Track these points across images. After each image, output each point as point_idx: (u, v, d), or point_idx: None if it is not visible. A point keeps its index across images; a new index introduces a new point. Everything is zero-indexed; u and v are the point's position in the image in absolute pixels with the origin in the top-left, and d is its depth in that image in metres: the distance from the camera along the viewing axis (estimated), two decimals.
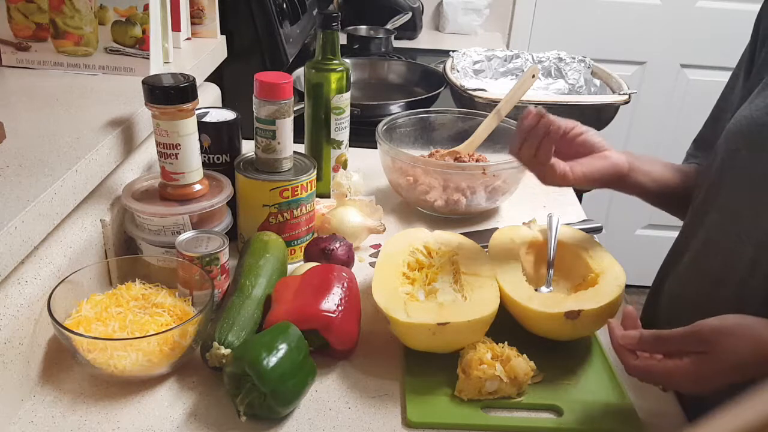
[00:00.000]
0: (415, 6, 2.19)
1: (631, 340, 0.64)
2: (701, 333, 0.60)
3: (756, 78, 0.79)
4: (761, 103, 0.73)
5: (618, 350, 0.66)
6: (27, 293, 0.67)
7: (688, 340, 0.61)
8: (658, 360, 0.63)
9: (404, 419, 0.68)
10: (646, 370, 0.63)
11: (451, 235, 0.90)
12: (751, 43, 0.84)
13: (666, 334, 0.62)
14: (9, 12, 1.02)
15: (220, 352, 0.68)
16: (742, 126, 0.73)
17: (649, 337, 0.63)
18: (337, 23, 1.01)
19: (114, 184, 0.87)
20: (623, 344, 0.65)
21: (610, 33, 2.43)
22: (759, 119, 0.71)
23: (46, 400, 0.68)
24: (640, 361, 0.63)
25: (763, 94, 0.74)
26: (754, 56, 0.82)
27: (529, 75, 1.10)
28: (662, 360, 0.62)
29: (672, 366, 0.61)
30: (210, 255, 0.78)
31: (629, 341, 0.64)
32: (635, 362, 0.64)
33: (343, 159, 1.10)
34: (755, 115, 0.72)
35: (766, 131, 0.70)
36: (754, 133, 0.71)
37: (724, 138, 0.76)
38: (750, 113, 0.73)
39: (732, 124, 0.76)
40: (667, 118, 2.54)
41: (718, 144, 0.78)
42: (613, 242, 1.26)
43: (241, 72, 1.33)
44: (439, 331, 0.70)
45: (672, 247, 0.87)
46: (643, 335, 0.64)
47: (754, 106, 0.73)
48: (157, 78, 0.79)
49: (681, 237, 0.84)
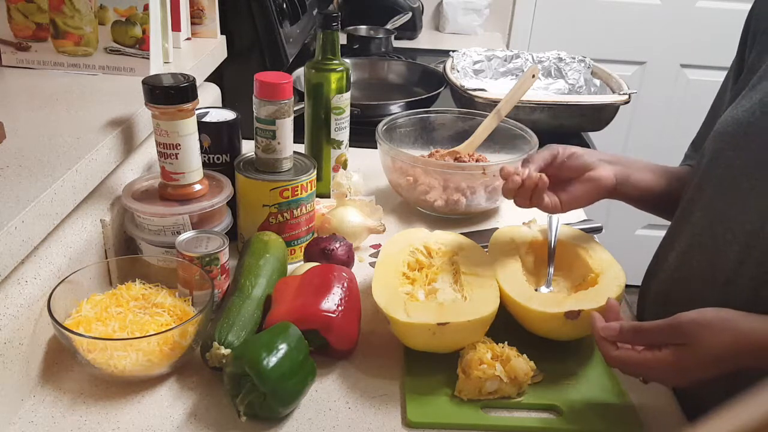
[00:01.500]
0: (415, 6, 2.19)
1: (612, 332, 0.65)
2: (680, 325, 0.61)
3: (744, 80, 0.79)
4: (746, 103, 0.73)
5: (599, 341, 0.67)
6: (27, 293, 0.67)
7: (667, 332, 0.62)
8: (638, 351, 0.64)
9: (404, 419, 0.68)
10: (626, 361, 0.64)
11: (451, 235, 0.90)
12: (740, 45, 0.84)
13: (646, 326, 0.64)
14: (9, 12, 1.02)
15: (220, 352, 0.68)
16: (727, 126, 0.74)
17: (628, 329, 0.65)
18: (337, 23, 1.01)
19: (114, 184, 0.87)
20: (604, 335, 0.66)
21: (610, 33, 2.43)
22: (743, 119, 0.72)
23: (46, 400, 0.68)
24: (619, 352, 0.65)
25: (748, 95, 0.74)
26: (743, 58, 0.82)
27: (529, 75, 1.10)
28: (642, 352, 0.63)
29: (651, 357, 0.62)
30: (210, 255, 0.78)
31: (610, 332, 0.66)
32: (615, 353, 0.65)
33: (343, 159, 1.10)
34: (740, 116, 0.73)
35: (750, 131, 0.70)
36: (739, 133, 0.72)
37: (711, 138, 0.77)
38: (735, 113, 0.74)
39: (718, 125, 0.76)
40: (667, 118, 2.54)
41: (706, 145, 0.78)
42: (613, 242, 1.26)
43: (241, 72, 1.33)
44: (439, 331, 0.70)
45: (658, 247, 0.87)
46: (623, 327, 0.65)
47: (740, 107, 0.74)
48: (157, 78, 0.79)
49: (667, 237, 0.84)
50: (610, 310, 0.70)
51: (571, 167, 0.85)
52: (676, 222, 0.82)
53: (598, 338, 0.67)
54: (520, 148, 1.11)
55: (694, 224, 0.77)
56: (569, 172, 0.85)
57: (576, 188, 0.85)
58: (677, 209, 0.83)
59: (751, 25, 0.82)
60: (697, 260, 0.75)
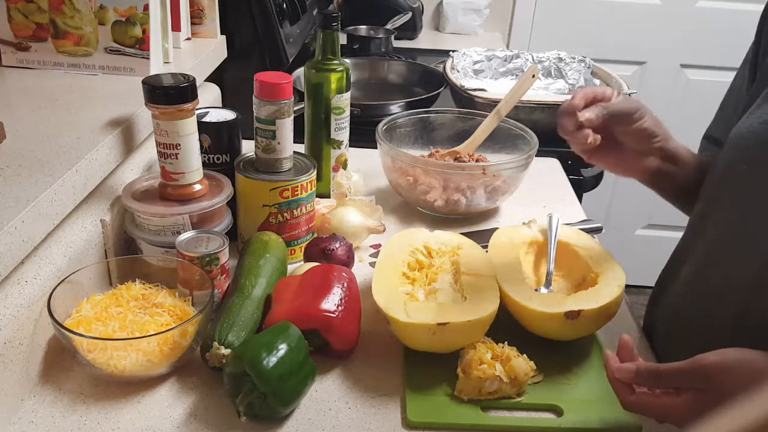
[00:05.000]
0: (415, 6, 2.19)
1: (628, 374, 0.61)
2: (701, 369, 0.57)
3: (759, 86, 0.77)
4: (763, 115, 0.70)
5: (614, 384, 0.63)
6: (27, 293, 0.67)
7: (687, 377, 0.58)
8: (656, 396, 0.61)
9: (404, 419, 0.68)
10: (644, 406, 0.61)
11: (451, 235, 0.90)
12: (754, 47, 0.82)
13: (664, 369, 0.60)
14: (9, 12, 1.02)
15: (220, 352, 0.68)
16: (742, 139, 0.71)
17: (645, 371, 0.60)
18: (337, 23, 1.01)
19: (114, 184, 0.87)
20: (619, 377, 0.62)
21: (610, 33, 2.43)
22: (760, 133, 0.69)
23: (46, 400, 0.68)
24: (636, 397, 0.61)
25: (764, 106, 0.72)
26: (757, 61, 0.81)
27: (529, 75, 1.10)
28: (659, 396, 0.60)
29: (670, 403, 0.59)
30: (210, 255, 0.78)
31: (625, 375, 0.61)
32: (632, 398, 0.61)
33: (343, 159, 1.10)
34: (756, 129, 0.70)
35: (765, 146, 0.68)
36: (754, 147, 0.69)
37: (725, 150, 0.75)
38: (750, 125, 0.71)
39: (733, 136, 0.74)
40: (667, 118, 2.49)
41: (719, 157, 0.76)
42: (613, 242, 1.27)
43: (241, 72, 1.33)
44: (439, 331, 0.70)
45: (671, 258, 0.85)
46: (639, 369, 0.61)
47: (755, 118, 0.71)
48: (157, 78, 0.79)
49: (680, 248, 0.83)
50: (623, 348, 0.64)
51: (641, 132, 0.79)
52: (690, 234, 0.80)
53: (612, 380, 0.63)
54: (520, 148, 1.11)
55: (708, 240, 0.74)
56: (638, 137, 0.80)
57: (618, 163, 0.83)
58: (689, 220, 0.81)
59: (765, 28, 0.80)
60: (712, 277, 0.73)
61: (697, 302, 0.76)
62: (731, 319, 0.64)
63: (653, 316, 0.86)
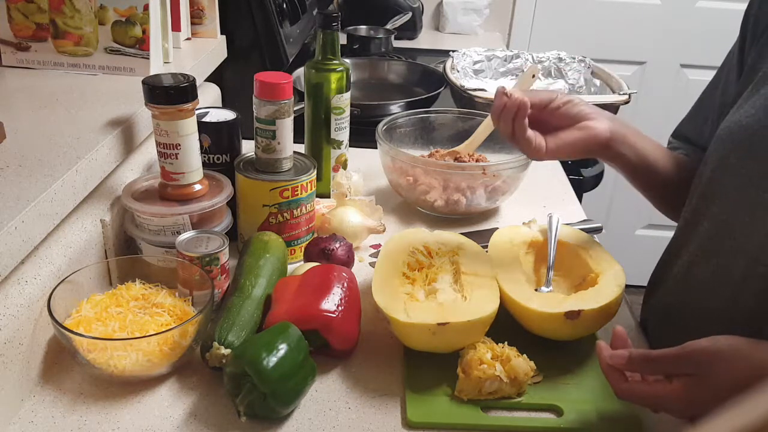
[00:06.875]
0: (415, 6, 2.19)
1: (620, 360, 0.62)
2: (692, 354, 0.58)
3: (745, 81, 0.77)
4: (750, 109, 0.71)
5: (606, 371, 0.64)
6: (27, 293, 0.67)
7: (679, 363, 0.59)
8: (649, 383, 0.61)
9: (404, 419, 0.68)
10: (636, 394, 0.62)
11: (451, 235, 0.90)
12: (739, 43, 0.82)
13: (656, 354, 0.61)
14: (9, 12, 1.02)
15: (220, 352, 0.68)
16: (731, 132, 0.72)
17: (638, 358, 0.62)
18: (337, 23, 1.01)
19: (114, 184, 0.87)
20: (612, 364, 0.63)
21: (610, 33, 2.43)
22: (748, 125, 0.69)
23: (46, 400, 0.68)
24: (629, 385, 0.62)
25: (751, 99, 0.72)
26: (743, 57, 0.80)
27: (529, 75, 1.10)
28: (652, 383, 0.61)
29: (662, 390, 0.60)
30: (210, 255, 0.78)
31: (618, 361, 0.63)
32: (624, 385, 0.62)
33: (343, 159, 1.10)
34: (744, 121, 0.70)
35: (755, 138, 0.68)
36: (743, 139, 0.70)
37: (714, 145, 0.75)
38: (739, 119, 0.71)
39: (721, 131, 0.74)
40: (667, 118, 2.51)
41: (708, 152, 0.76)
42: (613, 242, 1.27)
43: (241, 72, 1.33)
44: (439, 331, 0.70)
45: (663, 254, 0.85)
46: (632, 355, 0.62)
47: (743, 112, 0.71)
48: (157, 78, 0.79)
49: (673, 245, 0.83)
50: (617, 338, 0.67)
51: (566, 114, 0.80)
52: (682, 231, 0.80)
53: (605, 367, 0.64)
54: None
55: (701, 235, 0.75)
56: (564, 119, 0.81)
57: (566, 134, 0.80)
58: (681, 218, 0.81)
59: (749, 22, 0.80)
60: (703, 272, 0.74)
61: (689, 297, 0.76)
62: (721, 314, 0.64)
63: (647, 312, 0.86)
